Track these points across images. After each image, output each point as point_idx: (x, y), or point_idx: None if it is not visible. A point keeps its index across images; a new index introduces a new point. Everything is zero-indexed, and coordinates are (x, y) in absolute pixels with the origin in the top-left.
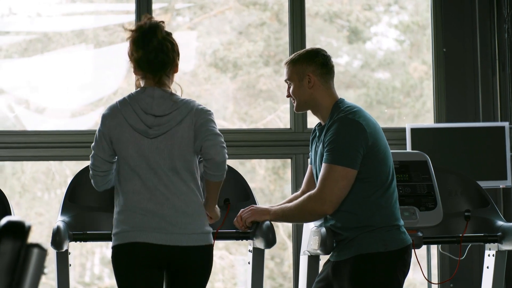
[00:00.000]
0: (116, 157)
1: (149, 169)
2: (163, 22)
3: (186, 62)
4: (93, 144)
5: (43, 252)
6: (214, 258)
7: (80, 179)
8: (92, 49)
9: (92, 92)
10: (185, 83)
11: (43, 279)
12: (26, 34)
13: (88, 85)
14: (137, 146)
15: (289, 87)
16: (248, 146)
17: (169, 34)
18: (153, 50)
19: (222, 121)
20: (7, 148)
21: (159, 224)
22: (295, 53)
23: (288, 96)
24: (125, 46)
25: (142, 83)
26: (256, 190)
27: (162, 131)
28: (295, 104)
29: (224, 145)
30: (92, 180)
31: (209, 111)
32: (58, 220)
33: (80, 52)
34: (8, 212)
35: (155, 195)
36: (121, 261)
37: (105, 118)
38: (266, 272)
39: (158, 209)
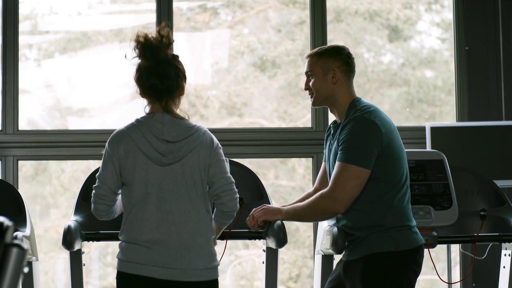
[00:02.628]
0: (124, 185)
1: (160, 198)
2: (169, 42)
3: (225, 61)
4: (98, 173)
5: (22, 251)
6: (253, 257)
7: (94, 178)
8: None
9: (132, 90)
10: (225, 82)
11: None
12: (65, 33)
13: (127, 83)
14: (148, 173)
15: (308, 80)
16: (269, 145)
17: (175, 58)
18: (158, 77)
19: (262, 120)
20: (50, 147)
21: (161, 259)
22: (319, 47)
23: (307, 89)
24: None
25: (148, 109)
26: (296, 189)
27: (176, 160)
28: (312, 98)
29: (237, 194)
30: (94, 209)
31: (218, 143)
32: (71, 220)
33: (119, 51)
34: (23, 212)
35: (163, 225)
36: None
37: (113, 143)
38: (305, 271)
39: (164, 240)
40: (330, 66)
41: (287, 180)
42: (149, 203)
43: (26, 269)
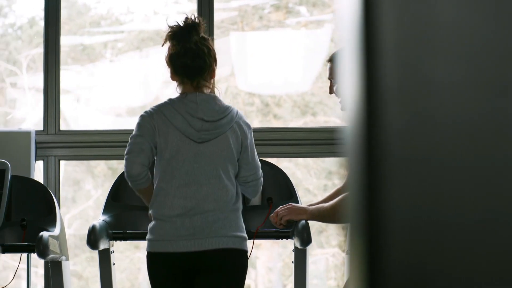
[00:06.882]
0: (156, 159)
1: (191, 174)
2: (199, 25)
3: (298, 59)
4: (132, 135)
5: None
6: (327, 256)
7: (123, 178)
8: None
9: None
10: (299, 80)
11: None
12: (139, 32)
13: None
14: (182, 150)
15: (331, 85)
16: (308, 144)
17: (206, 39)
18: (190, 55)
19: (336, 119)
20: (92, 147)
21: (188, 231)
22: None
23: (331, 93)
24: (234, 41)
25: (180, 89)
26: None
27: (211, 137)
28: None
29: (262, 180)
30: (128, 165)
31: (249, 124)
32: (99, 219)
33: None
34: (53, 211)
35: (190, 201)
36: (154, 269)
37: (147, 117)
38: None
39: (191, 215)
40: None
41: None
42: (180, 179)
43: None
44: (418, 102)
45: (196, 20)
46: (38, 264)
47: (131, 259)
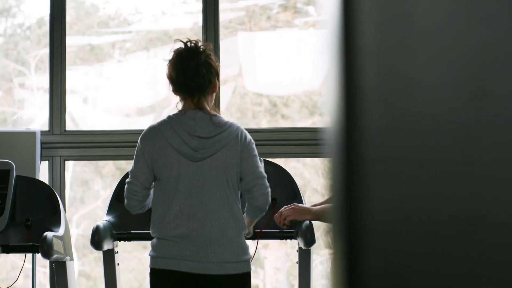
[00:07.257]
0: (156, 180)
1: (192, 193)
2: (202, 53)
3: (306, 59)
4: (131, 168)
5: None
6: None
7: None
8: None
9: None
10: (306, 80)
11: None
12: (147, 32)
13: None
14: (180, 169)
15: None
16: (315, 144)
17: (208, 56)
18: (190, 74)
19: None
20: (97, 147)
21: (192, 252)
22: None
23: None
24: (242, 41)
25: (181, 105)
26: None
27: (208, 154)
28: None
29: (269, 188)
30: (126, 203)
31: (251, 139)
32: (102, 220)
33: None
34: (58, 212)
35: (193, 220)
36: (157, 286)
37: (145, 139)
38: None
39: (193, 236)
40: None
41: None
42: (180, 198)
43: None
44: (398, 104)
45: (200, 49)
46: (46, 264)
47: (139, 259)
